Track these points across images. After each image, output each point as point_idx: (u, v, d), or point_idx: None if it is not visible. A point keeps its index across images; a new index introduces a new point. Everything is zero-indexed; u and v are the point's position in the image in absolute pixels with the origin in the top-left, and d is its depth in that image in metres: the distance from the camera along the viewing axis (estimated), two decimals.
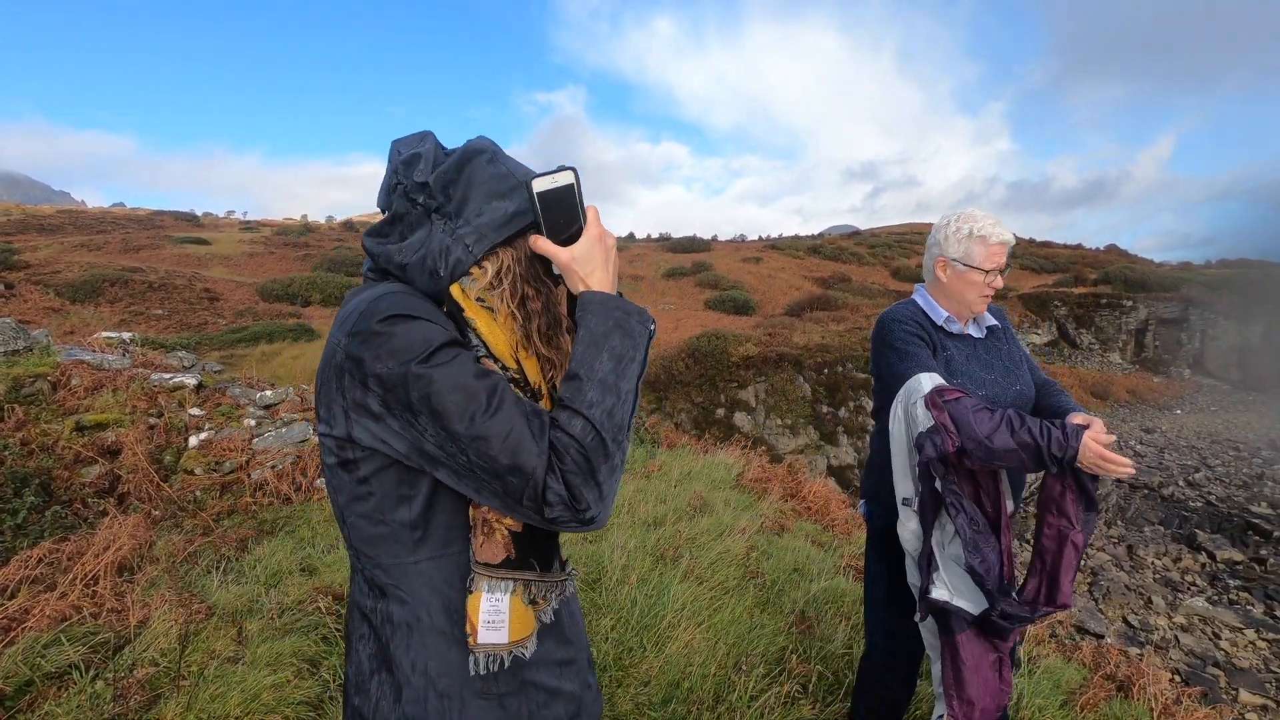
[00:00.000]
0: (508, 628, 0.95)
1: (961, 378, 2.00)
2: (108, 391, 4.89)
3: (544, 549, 1.03)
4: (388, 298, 0.90)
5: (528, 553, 0.98)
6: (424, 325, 0.88)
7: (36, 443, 4.28)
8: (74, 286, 18.33)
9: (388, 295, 0.91)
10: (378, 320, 0.87)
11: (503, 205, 0.97)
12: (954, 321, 2.08)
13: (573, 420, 0.89)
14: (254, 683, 2.37)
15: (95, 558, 3.10)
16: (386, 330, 0.87)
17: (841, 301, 25.46)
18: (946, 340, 2.06)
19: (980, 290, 2.00)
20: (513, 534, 0.97)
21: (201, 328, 16.62)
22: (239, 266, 26.58)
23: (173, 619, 2.66)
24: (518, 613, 0.97)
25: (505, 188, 0.98)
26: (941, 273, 2.06)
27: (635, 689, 2.61)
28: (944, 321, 2.07)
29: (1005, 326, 2.20)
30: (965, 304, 2.04)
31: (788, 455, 12.70)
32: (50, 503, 3.85)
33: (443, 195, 0.96)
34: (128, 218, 38.71)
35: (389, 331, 0.87)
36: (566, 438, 0.88)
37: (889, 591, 2.19)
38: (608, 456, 0.89)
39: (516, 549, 0.97)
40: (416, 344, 0.86)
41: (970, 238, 1.98)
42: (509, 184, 0.98)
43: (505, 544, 0.96)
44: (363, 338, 0.87)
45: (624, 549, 3.70)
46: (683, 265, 32.03)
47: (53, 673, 2.33)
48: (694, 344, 15.41)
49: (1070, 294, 30.89)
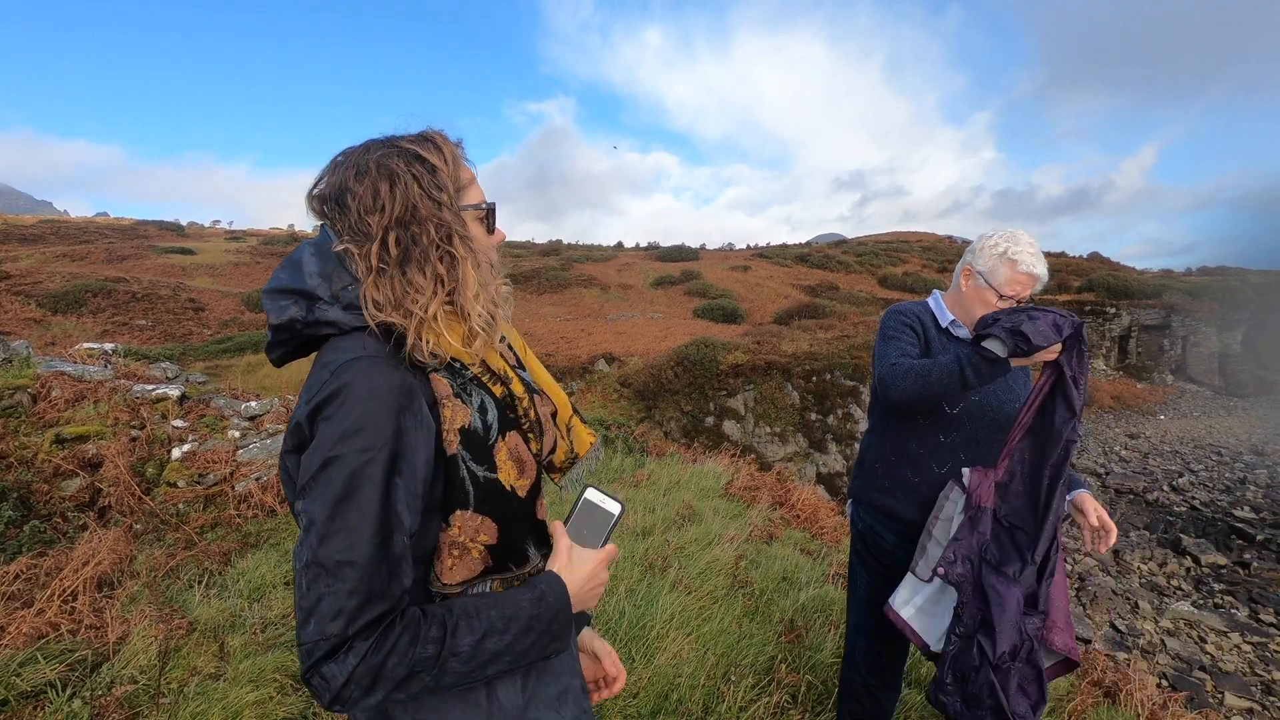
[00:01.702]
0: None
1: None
2: (89, 403, 4.82)
3: (518, 551, 1.02)
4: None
5: (503, 558, 0.99)
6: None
7: (15, 456, 4.21)
8: (55, 297, 18.08)
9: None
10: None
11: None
12: (960, 326, 2.07)
13: (400, 651, 0.82)
14: (236, 699, 2.34)
15: (74, 573, 3.04)
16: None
17: (829, 310, 25.58)
18: (948, 344, 2.06)
19: (989, 311, 1.97)
20: (487, 547, 0.97)
21: (186, 338, 16.44)
22: (224, 276, 26.35)
23: (153, 635, 2.61)
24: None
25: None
26: (964, 281, 2.06)
27: (624, 700, 2.59)
28: (949, 324, 2.08)
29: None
30: (972, 319, 2.02)
31: (776, 463, 12.71)
32: (29, 517, 3.78)
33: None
34: (111, 227, 38.31)
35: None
36: (371, 664, 0.81)
37: (869, 594, 2.19)
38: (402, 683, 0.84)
39: (492, 558, 0.98)
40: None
41: (1002, 257, 1.95)
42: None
43: (482, 557, 0.97)
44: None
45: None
46: (671, 274, 32.09)
47: (28, 692, 2.28)
48: (683, 352, 15.42)
49: (1055, 301, 31.23)
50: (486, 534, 0.97)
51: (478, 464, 0.95)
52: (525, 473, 1.02)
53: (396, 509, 0.87)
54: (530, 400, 1.07)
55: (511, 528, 1.00)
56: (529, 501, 1.03)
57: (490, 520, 0.97)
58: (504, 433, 0.99)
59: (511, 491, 0.99)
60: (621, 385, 14.95)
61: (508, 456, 0.99)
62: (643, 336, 19.67)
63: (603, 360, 16.11)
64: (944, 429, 1.99)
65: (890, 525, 2.11)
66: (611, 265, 34.90)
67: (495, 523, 0.97)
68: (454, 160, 1.02)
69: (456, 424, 0.93)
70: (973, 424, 1.99)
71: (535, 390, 1.11)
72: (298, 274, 0.97)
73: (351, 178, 0.97)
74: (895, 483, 2.07)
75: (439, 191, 0.97)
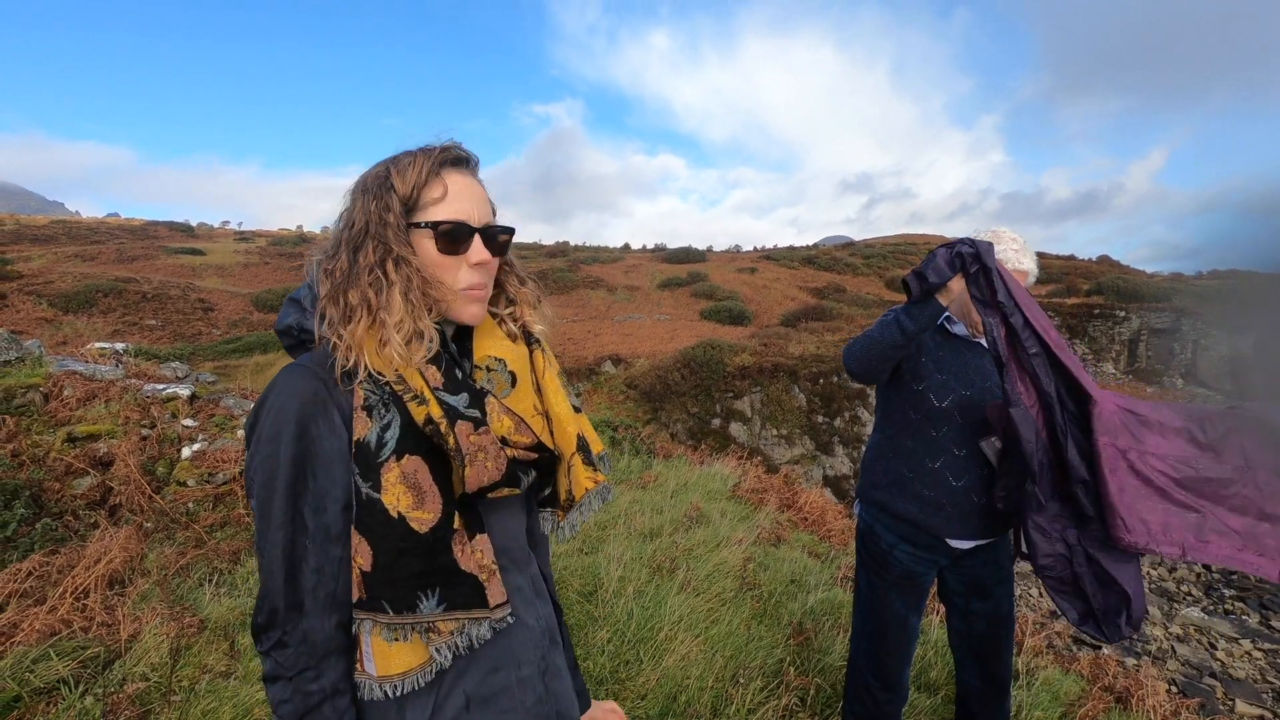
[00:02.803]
0: (374, 662, 0.96)
1: (947, 375, 2.03)
2: (100, 402, 4.85)
3: (400, 589, 0.93)
4: None
5: (377, 593, 0.92)
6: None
7: (27, 454, 4.24)
8: (67, 297, 18.24)
9: None
10: None
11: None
12: (956, 322, 2.11)
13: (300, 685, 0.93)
14: (246, 698, 2.35)
15: (86, 571, 3.06)
16: None
17: (836, 312, 25.52)
18: (944, 341, 2.10)
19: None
20: (362, 573, 0.93)
21: (195, 338, 16.55)
22: (233, 277, 26.51)
23: (164, 633, 2.63)
24: (380, 649, 0.95)
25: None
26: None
27: (632, 702, 2.59)
28: (943, 320, 2.11)
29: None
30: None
31: (783, 465, 12.69)
32: (41, 515, 3.81)
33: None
34: (122, 228, 38.60)
35: None
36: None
37: (868, 593, 2.20)
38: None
39: (365, 589, 0.93)
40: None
41: None
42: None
43: (358, 583, 0.93)
44: None
45: (620, 560, 3.68)
46: (678, 275, 32.08)
47: (41, 688, 2.30)
48: (689, 354, 15.41)
49: (1063, 304, 31.04)
50: (362, 557, 0.92)
51: (363, 479, 0.92)
52: (424, 504, 0.93)
53: (303, 514, 0.91)
54: (451, 425, 0.95)
55: (394, 561, 0.92)
56: (430, 539, 0.93)
57: (366, 543, 0.91)
58: (401, 454, 0.93)
59: (399, 519, 0.91)
60: (628, 387, 14.96)
61: (398, 479, 0.92)
62: (649, 338, 19.68)
63: (609, 362, 16.12)
64: (935, 423, 2.03)
65: (888, 524, 2.13)
66: (618, 267, 34.92)
67: (370, 547, 0.91)
68: (419, 178, 0.98)
69: (356, 435, 0.93)
70: (963, 417, 2.02)
71: (464, 415, 0.97)
72: (305, 285, 1.04)
73: (351, 188, 1.01)
74: (891, 479, 2.12)
75: (386, 212, 0.96)
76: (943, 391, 2.01)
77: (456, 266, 1.00)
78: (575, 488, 1.14)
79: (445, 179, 1.00)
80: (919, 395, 2.04)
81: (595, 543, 4.19)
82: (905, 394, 2.08)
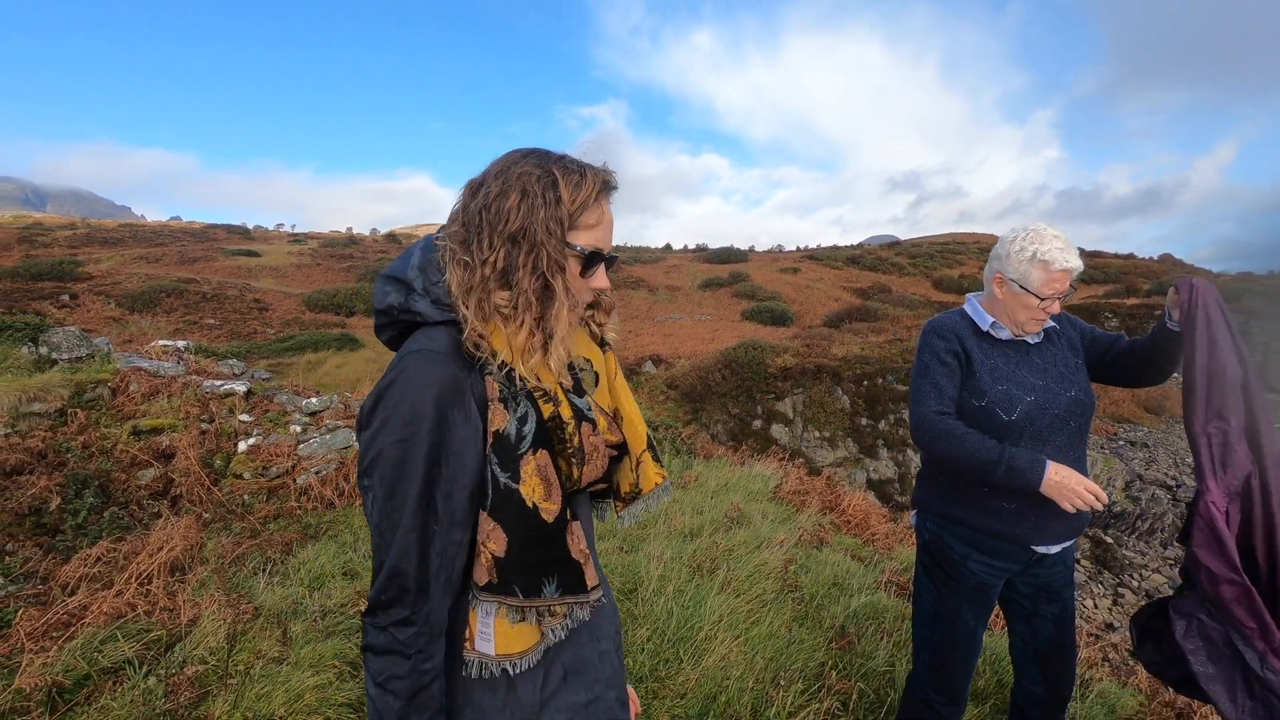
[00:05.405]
0: (494, 642, 1.00)
1: (1008, 384, 1.94)
2: (163, 397, 5.07)
3: (529, 575, 1.00)
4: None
5: (509, 579, 0.98)
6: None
7: (96, 446, 4.47)
8: (133, 297, 19.12)
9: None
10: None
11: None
12: (1002, 328, 2.02)
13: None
14: (298, 683, 2.42)
15: (149, 557, 3.21)
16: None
17: (881, 312, 25.03)
18: (991, 348, 2.02)
19: (1034, 314, 1.94)
20: (494, 558, 0.97)
21: (251, 337, 17.15)
22: (287, 278, 27.40)
23: (221, 618, 2.73)
24: (503, 630, 1.00)
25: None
26: (997, 289, 2.00)
27: (671, 701, 2.58)
28: (990, 327, 2.02)
29: (1063, 330, 2.11)
30: (1016, 324, 1.99)
31: (825, 468, 12.51)
32: (108, 504, 4.01)
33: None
34: (184, 231, 40.30)
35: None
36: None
37: (935, 606, 2.13)
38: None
39: (497, 573, 0.98)
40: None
41: (1032, 261, 1.89)
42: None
43: (488, 567, 0.98)
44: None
45: (660, 559, 3.68)
46: (720, 276, 31.93)
47: (109, 668, 2.42)
48: (731, 354, 15.32)
49: (1122, 305, 29.79)
50: (495, 543, 0.97)
51: (502, 470, 0.97)
52: (552, 496, 1.00)
53: (435, 499, 0.93)
54: (577, 426, 1.04)
55: (525, 548, 0.98)
56: (554, 529, 1.00)
57: (500, 530, 0.97)
58: (536, 448, 0.99)
59: (533, 509, 0.98)
60: (669, 387, 14.95)
61: (534, 472, 0.98)
62: (690, 338, 19.62)
63: (650, 362, 16.14)
64: (1008, 438, 1.92)
65: (959, 534, 2.04)
66: (659, 267, 34.94)
67: (505, 534, 0.97)
68: (586, 200, 1.02)
69: (494, 426, 0.97)
70: (1034, 426, 1.92)
71: (587, 418, 1.07)
72: (405, 263, 1.04)
73: (494, 175, 1.01)
74: (964, 492, 2.01)
75: (554, 223, 0.99)
76: (1008, 403, 1.91)
77: (584, 286, 1.07)
78: (644, 482, 1.20)
79: (602, 206, 1.05)
80: (984, 411, 1.94)
81: (636, 541, 4.19)
82: (967, 411, 1.97)
